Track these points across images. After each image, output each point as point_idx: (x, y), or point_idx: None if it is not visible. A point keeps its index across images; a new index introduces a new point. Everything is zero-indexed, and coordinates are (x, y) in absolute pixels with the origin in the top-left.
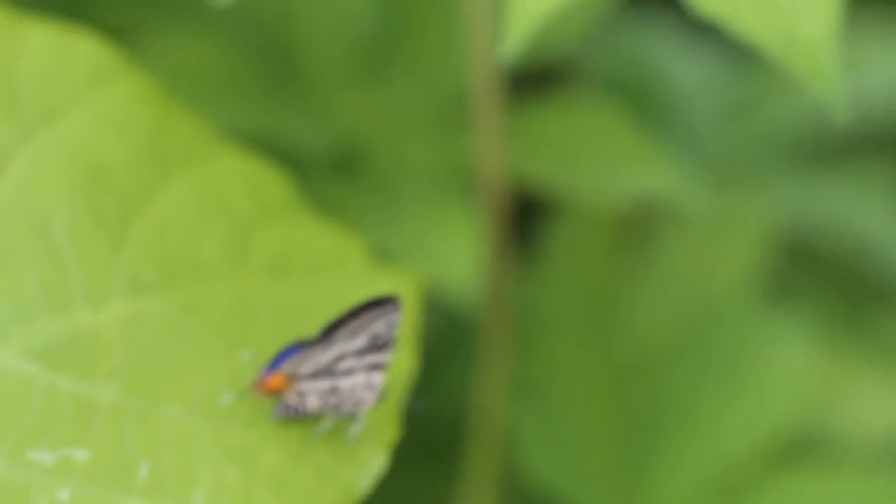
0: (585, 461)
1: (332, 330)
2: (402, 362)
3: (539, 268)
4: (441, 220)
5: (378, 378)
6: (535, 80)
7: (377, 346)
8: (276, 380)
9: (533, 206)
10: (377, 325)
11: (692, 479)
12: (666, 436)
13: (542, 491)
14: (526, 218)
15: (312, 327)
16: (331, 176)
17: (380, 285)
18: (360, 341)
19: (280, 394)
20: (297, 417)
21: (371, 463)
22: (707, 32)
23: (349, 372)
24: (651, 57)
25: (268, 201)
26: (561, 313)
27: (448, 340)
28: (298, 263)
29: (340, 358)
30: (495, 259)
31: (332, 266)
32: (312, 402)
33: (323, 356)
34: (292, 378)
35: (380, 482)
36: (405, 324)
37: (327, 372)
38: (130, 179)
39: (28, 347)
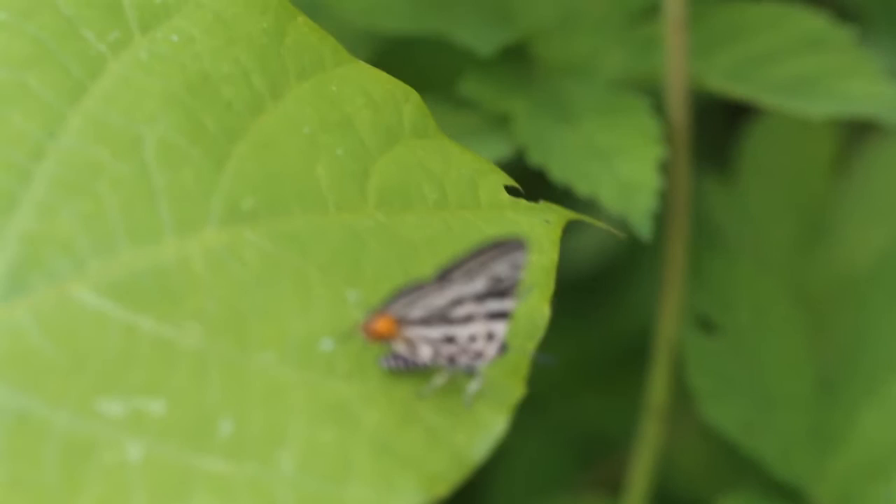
0: (770, 408)
1: (448, 270)
2: (532, 310)
3: (725, 185)
4: (621, 133)
5: (500, 328)
6: None
7: (499, 290)
8: (383, 323)
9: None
10: (499, 266)
11: None
12: (868, 383)
13: (719, 437)
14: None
15: (434, 269)
16: (497, 83)
17: (515, 222)
18: (479, 284)
19: (388, 341)
20: (407, 370)
21: (489, 427)
22: None
23: (467, 319)
24: None
25: (394, 124)
26: (749, 234)
27: (627, 262)
28: (423, 195)
29: (457, 302)
30: (679, 178)
31: (462, 200)
32: (424, 353)
33: (437, 298)
34: (402, 323)
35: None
36: (538, 267)
37: (442, 318)
38: (237, 93)
39: (106, 282)
